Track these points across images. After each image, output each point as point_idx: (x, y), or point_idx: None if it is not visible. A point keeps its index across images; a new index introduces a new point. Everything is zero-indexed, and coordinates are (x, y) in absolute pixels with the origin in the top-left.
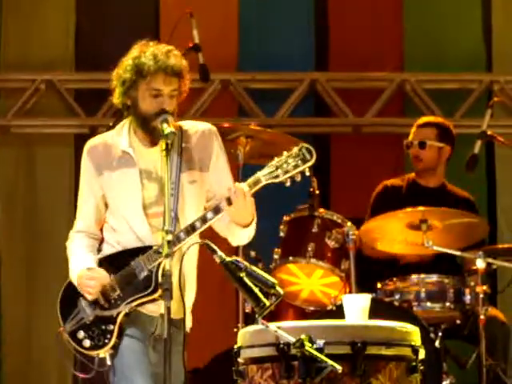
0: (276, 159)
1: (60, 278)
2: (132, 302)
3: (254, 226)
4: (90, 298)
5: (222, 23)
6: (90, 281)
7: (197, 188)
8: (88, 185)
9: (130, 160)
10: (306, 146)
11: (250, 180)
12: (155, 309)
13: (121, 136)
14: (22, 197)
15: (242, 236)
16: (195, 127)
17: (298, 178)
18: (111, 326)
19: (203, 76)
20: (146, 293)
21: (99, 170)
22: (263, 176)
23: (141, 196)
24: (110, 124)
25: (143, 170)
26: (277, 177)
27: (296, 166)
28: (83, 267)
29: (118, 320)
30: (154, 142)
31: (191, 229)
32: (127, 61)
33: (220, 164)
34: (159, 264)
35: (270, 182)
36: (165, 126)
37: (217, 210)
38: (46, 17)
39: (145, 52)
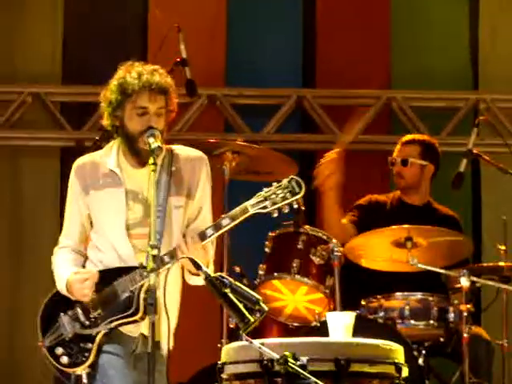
0: (265, 189)
1: (45, 289)
2: (112, 322)
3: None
4: (85, 299)
5: (210, 38)
6: (82, 283)
7: (181, 213)
8: (74, 203)
9: (116, 180)
10: (296, 178)
11: (237, 209)
12: (134, 329)
13: (109, 156)
14: (7, 209)
15: (191, 278)
16: (186, 153)
17: (286, 210)
18: (90, 345)
19: (190, 91)
20: (125, 314)
21: (86, 189)
22: (251, 206)
23: (125, 216)
24: (97, 138)
25: (129, 191)
26: (264, 207)
27: (284, 198)
28: (70, 273)
29: (97, 339)
30: (142, 163)
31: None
32: (113, 82)
33: (204, 195)
34: (141, 286)
35: (257, 212)
36: (151, 140)
37: (162, 261)
38: (33, 30)
39: (130, 72)
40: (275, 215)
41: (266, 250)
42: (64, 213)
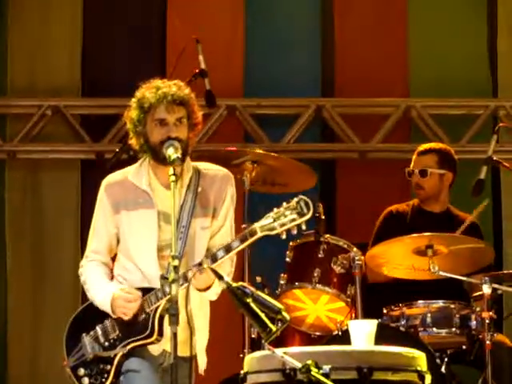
0: (275, 210)
1: (66, 302)
2: (128, 344)
3: (213, 290)
4: (125, 318)
5: (228, 49)
6: (127, 302)
7: (207, 234)
8: (103, 220)
9: (148, 200)
10: (305, 199)
11: (246, 231)
12: (156, 346)
13: (140, 175)
14: (28, 222)
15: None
16: (213, 171)
17: (294, 231)
18: (108, 366)
19: (209, 102)
20: (141, 336)
21: (116, 208)
22: (260, 227)
23: (156, 238)
24: (117, 150)
25: (161, 212)
26: (273, 229)
27: (292, 220)
28: (115, 289)
29: (116, 361)
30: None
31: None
32: (133, 100)
33: (227, 214)
34: (157, 308)
35: (266, 233)
36: (170, 151)
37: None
38: (53, 42)
39: (148, 88)
40: (283, 237)
41: (287, 259)
42: (86, 225)
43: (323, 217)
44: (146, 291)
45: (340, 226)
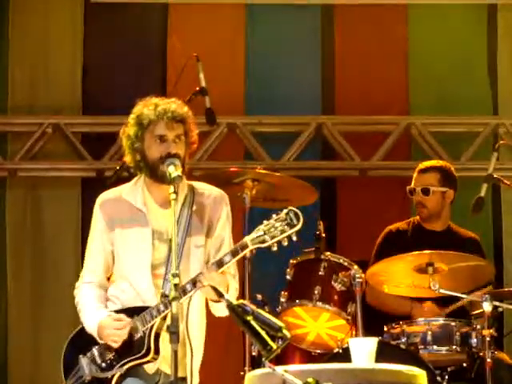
0: (265, 223)
1: (66, 320)
2: (125, 364)
3: (231, 295)
4: (114, 345)
5: (229, 67)
6: (115, 330)
7: (202, 252)
8: (98, 239)
9: (143, 219)
10: (294, 210)
11: (237, 245)
12: (151, 365)
13: (135, 193)
14: (29, 239)
15: (216, 308)
16: (208, 191)
17: (285, 243)
18: None
19: (210, 119)
20: (137, 356)
21: (111, 225)
22: (250, 241)
23: (151, 256)
24: (117, 167)
25: (155, 231)
26: (264, 241)
27: (283, 231)
28: (103, 316)
29: (113, 382)
30: (167, 204)
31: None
32: (131, 117)
33: (224, 233)
34: (152, 326)
35: (257, 246)
36: (171, 169)
37: (194, 283)
38: (53, 61)
39: (146, 105)
40: (275, 249)
41: (288, 277)
42: (86, 245)
43: (324, 234)
44: (139, 310)
45: (340, 243)
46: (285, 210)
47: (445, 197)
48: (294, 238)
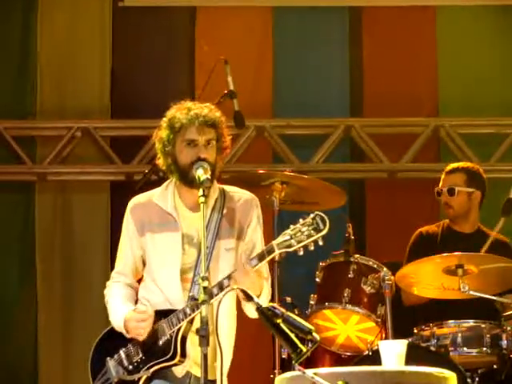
0: (291, 227)
1: (96, 323)
2: (151, 367)
3: (264, 298)
4: (140, 338)
5: (257, 70)
6: (139, 323)
7: (232, 255)
8: (128, 242)
9: (173, 223)
10: (321, 214)
11: (264, 249)
12: (180, 368)
13: (165, 197)
14: (59, 243)
15: (249, 309)
16: (238, 194)
17: (312, 247)
18: None
19: (238, 122)
20: (164, 359)
21: (141, 230)
22: (277, 245)
23: (180, 261)
24: (146, 171)
25: (185, 235)
26: (290, 246)
27: (309, 236)
28: (128, 310)
29: None
30: (197, 207)
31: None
32: (164, 120)
33: (256, 235)
34: (179, 329)
35: (283, 250)
36: (200, 172)
37: (221, 286)
38: (82, 65)
39: (179, 109)
40: (301, 253)
41: (317, 279)
42: (116, 247)
43: (353, 237)
44: (167, 313)
45: (370, 245)
46: (311, 215)
47: (471, 198)
48: (321, 243)
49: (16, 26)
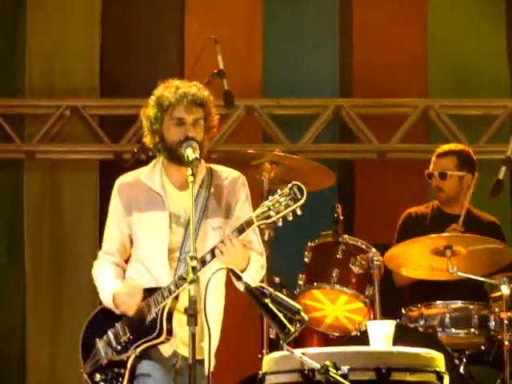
0: (270, 198)
1: (85, 303)
2: (139, 346)
3: (253, 270)
4: (130, 313)
5: (247, 49)
6: (128, 297)
7: (220, 234)
8: (115, 221)
9: (160, 202)
10: (298, 184)
11: (243, 221)
12: (167, 347)
13: (153, 176)
14: (47, 221)
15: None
16: (226, 173)
17: (290, 218)
18: (122, 370)
19: (228, 102)
20: (150, 337)
21: (128, 209)
22: (256, 217)
23: (168, 240)
24: (135, 150)
25: (173, 214)
26: (269, 217)
27: (287, 206)
28: (117, 285)
29: (129, 364)
30: (185, 186)
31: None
32: (151, 98)
33: (243, 212)
34: (164, 307)
35: (262, 222)
36: (189, 151)
37: (203, 261)
38: (71, 43)
39: (167, 87)
40: (280, 224)
41: (306, 259)
42: (104, 226)
43: (342, 217)
44: (154, 291)
45: (358, 226)
46: (289, 185)
47: (462, 181)
48: (299, 213)
49: (5, 4)
